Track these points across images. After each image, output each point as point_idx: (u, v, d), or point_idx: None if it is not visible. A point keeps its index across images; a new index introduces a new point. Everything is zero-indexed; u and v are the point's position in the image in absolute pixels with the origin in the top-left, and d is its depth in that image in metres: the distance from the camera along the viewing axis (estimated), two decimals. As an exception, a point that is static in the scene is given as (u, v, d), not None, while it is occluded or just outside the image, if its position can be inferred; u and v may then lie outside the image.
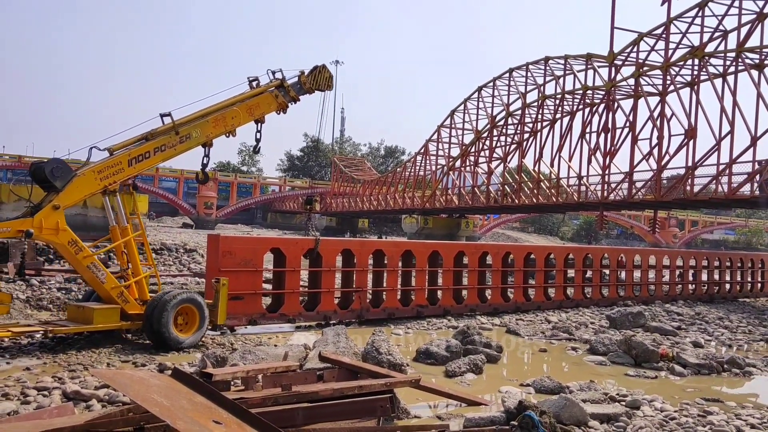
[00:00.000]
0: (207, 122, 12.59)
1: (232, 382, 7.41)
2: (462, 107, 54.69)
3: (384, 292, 16.92)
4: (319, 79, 14.51)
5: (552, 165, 44.02)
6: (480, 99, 52.45)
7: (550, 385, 9.87)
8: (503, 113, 49.87)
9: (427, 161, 60.46)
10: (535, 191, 44.72)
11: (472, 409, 8.43)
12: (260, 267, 14.56)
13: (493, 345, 12.66)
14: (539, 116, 46.45)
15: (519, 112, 48.31)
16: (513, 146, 49.65)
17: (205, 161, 13.04)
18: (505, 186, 48.85)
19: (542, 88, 45.66)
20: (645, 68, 35.39)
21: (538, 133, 46.76)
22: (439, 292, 18.19)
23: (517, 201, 46.48)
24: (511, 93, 49.27)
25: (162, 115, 12.14)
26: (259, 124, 13.66)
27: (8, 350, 10.67)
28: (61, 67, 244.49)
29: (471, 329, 13.36)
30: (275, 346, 11.49)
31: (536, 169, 45.94)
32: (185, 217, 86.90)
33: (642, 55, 35.66)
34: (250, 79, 13.66)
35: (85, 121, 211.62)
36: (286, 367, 8.13)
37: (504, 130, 50.51)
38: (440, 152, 59.06)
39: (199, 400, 5.28)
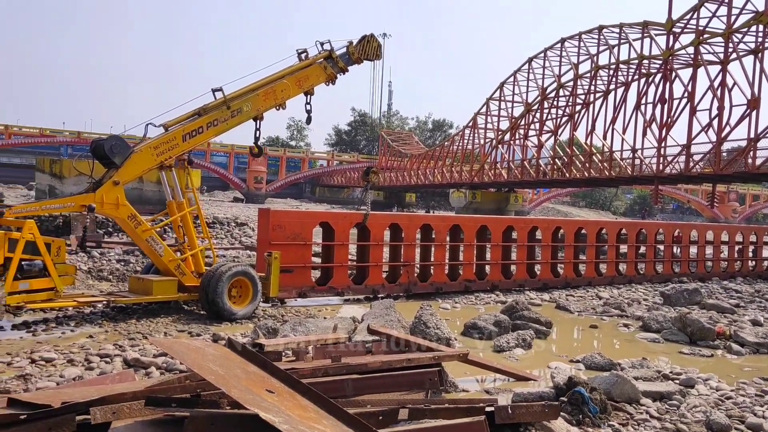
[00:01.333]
0: (257, 96, 12.72)
1: (284, 353, 7.58)
2: (512, 79, 53.64)
3: (432, 267, 16.94)
4: (367, 49, 14.43)
5: (605, 138, 42.89)
6: (530, 71, 51.31)
7: (601, 362, 9.76)
8: (554, 85, 48.69)
9: (476, 135, 59.71)
10: (587, 165, 43.73)
11: (521, 384, 8.41)
12: (309, 241, 14.77)
13: (543, 320, 12.56)
14: (592, 87, 45.20)
15: (571, 83, 47.10)
16: (564, 119, 48.54)
17: (257, 135, 13.22)
18: (556, 159, 47.93)
19: (595, 58, 44.33)
20: (705, 35, 33.92)
21: (591, 105, 45.53)
22: (488, 267, 18.09)
23: (567, 175, 45.57)
24: (562, 64, 48.00)
25: (213, 90, 12.33)
26: (309, 96, 13.71)
27: (72, 318, 11.17)
28: (116, 45, 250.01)
29: (520, 304, 13.27)
30: (324, 318, 11.69)
31: (588, 142, 44.86)
32: (236, 191, 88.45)
33: (702, 22, 34.16)
34: (299, 51, 13.68)
35: (140, 97, 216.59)
36: (335, 339, 8.26)
37: (555, 103, 49.37)
38: (489, 125, 58.21)
39: (252, 369, 5.43)
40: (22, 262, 10.04)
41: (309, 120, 14.33)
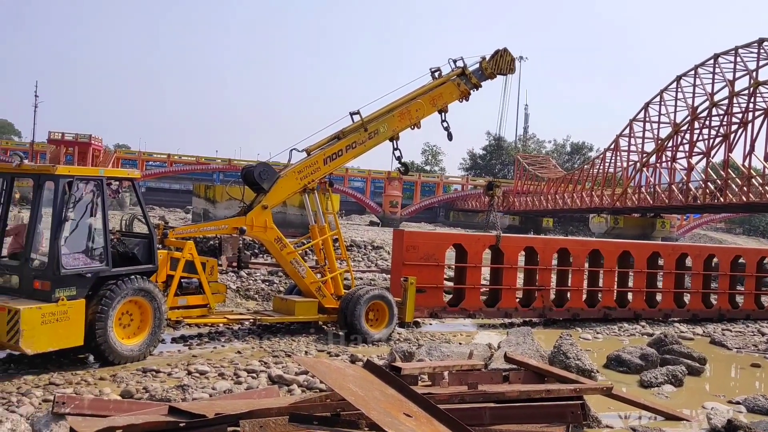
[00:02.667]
0: (393, 117, 13.00)
1: (420, 377, 7.62)
2: (658, 99, 50.85)
3: (568, 292, 16.40)
4: (500, 63, 14.28)
5: (766, 159, 39.34)
6: (679, 89, 48.36)
7: (766, 405, 8.86)
8: (706, 103, 45.52)
9: (618, 157, 57.08)
10: (745, 188, 40.26)
11: (671, 424, 7.88)
12: (442, 262, 14.90)
13: (695, 356, 11.66)
14: (750, 105, 41.71)
15: (725, 101, 43.78)
16: (718, 139, 45.10)
17: (397, 154, 13.50)
18: (708, 183, 44.60)
19: (755, 73, 40.94)
20: None
21: (749, 124, 42.00)
22: (630, 294, 17.20)
23: (722, 199, 42.21)
24: (716, 81, 44.81)
25: (351, 114, 12.77)
26: (443, 114, 13.77)
27: (223, 334, 11.95)
28: (263, 74, 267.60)
29: (669, 337, 12.45)
30: (460, 344, 11.62)
31: (746, 163, 41.34)
32: (372, 215, 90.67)
33: None
34: (432, 69, 13.80)
35: (283, 125, 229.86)
36: (471, 365, 8.18)
37: (707, 122, 46.08)
38: (632, 147, 55.43)
39: (390, 392, 5.51)
40: (181, 280, 10.90)
41: (450, 136, 14.18)
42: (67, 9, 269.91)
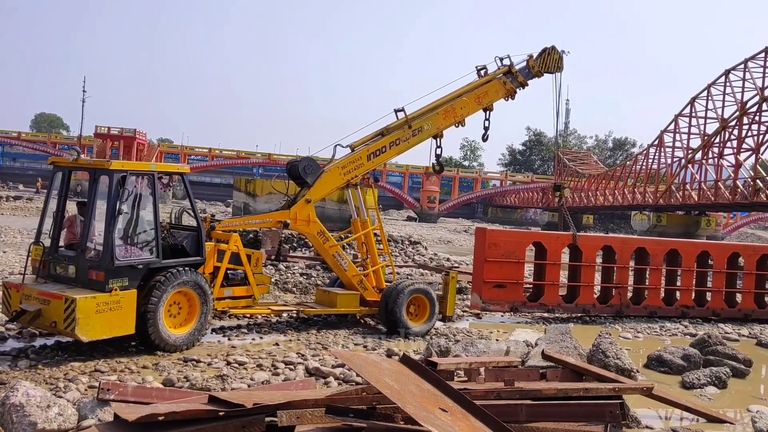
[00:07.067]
0: (437, 114, 13.00)
1: (456, 373, 7.62)
2: (705, 93, 49.46)
3: (646, 290, 16.48)
4: (548, 62, 14.20)
5: (818, 156, 37.92)
6: (727, 84, 46.94)
7: (814, 410, 8.59)
8: (757, 98, 44.11)
9: (662, 154, 55.77)
10: (796, 186, 38.93)
11: (713, 427, 7.72)
12: (522, 259, 15.26)
13: (740, 357, 11.37)
14: (803, 99, 40.24)
15: (777, 96, 42.32)
16: (768, 135, 43.68)
17: (438, 152, 13.54)
18: (757, 180, 43.26)
19: (807, 67, 39.49)
20: None
21: (801, 120, 40.54)
22: (708, 294, 17.17)
23: (771, 197, 40.87)
24: (767, 75, 43.35)
25: (396, 111, 12.79)
26: (488, 112, 13.73)
27: (262, 326, 12.13)
28: (296, 71, 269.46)
29: (713, 338, 12.16)
30: (497, 340, 11.56)
31: (797, 160, 39.94)
32: (409, 210, 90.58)
33: None
34: (478, 67, 13.75)
35: (322, 122, 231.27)
36: (508, 362, 8.15)
37: (757, 118, 44.66)
38: (677, 143, 54.09)
39: (426, 386, 5.53)
40: (228, 271, 11.09)
41: (485, 137, 14.24)
42: (114, 6, 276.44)
